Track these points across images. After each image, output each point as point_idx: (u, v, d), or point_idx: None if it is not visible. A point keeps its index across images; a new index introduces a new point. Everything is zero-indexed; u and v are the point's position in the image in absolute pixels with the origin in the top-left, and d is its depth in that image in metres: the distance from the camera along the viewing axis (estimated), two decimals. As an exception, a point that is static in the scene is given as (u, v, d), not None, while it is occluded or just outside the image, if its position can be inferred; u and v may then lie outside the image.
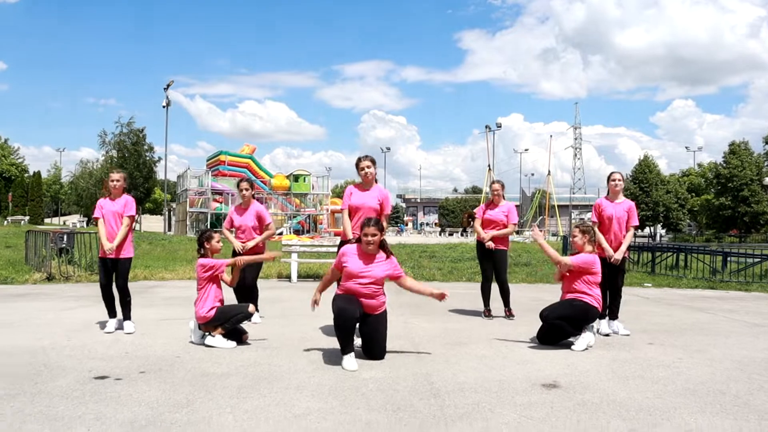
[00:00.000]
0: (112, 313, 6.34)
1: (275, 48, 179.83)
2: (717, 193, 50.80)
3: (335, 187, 71.13)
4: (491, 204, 7.81)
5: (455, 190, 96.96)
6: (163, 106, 40.99)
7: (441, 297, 5.34)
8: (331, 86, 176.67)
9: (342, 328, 4.92)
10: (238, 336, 5.72)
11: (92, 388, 4.19)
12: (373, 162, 6.22)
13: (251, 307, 5.93)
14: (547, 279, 13.05)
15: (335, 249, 13.36)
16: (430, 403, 3.98)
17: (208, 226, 37.96)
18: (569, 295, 6.06)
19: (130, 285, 6.52)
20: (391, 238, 45.24)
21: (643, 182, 49.09)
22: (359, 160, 6.18)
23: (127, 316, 6.32)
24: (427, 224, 68.48)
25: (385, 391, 4.24)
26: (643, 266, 15.26)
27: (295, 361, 5.06)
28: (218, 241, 6.17)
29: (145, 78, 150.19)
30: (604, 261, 6.61)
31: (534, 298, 9.41)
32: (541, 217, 54.95)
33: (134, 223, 6.59)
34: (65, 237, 13.17)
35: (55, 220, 60.92)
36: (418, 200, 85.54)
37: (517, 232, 47.42)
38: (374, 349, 5.18)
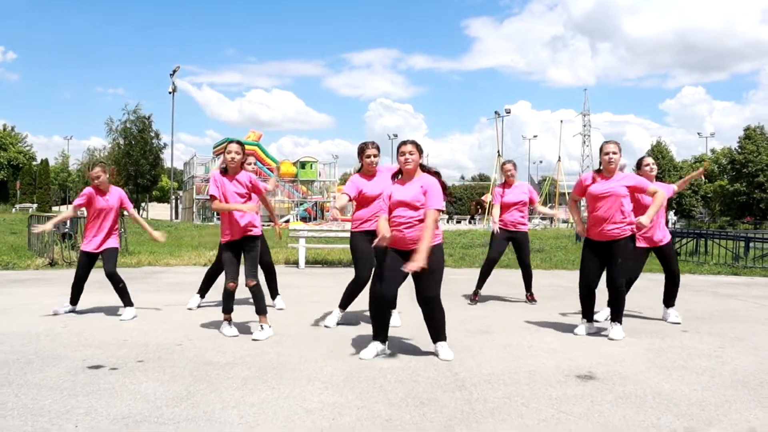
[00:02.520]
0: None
1: (282, 36, 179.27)
2: (731, 179, 49.95)
3: (343, 174, 70.73)
4: (506, 185, 7.38)
5: (462, 178, 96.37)
6: (169, 92, 40.60)
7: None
8: (338, 74, 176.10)
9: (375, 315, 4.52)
10: None
11: (85, 378, 3.82)
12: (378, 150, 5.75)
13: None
14: (563, 265, 12.63)
15: (343, 234, 13.04)
16: (455, 396, 3.59)
17: (215, 214, 37.71)
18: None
19: (135, 270, 6.15)
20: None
21: (655, 168, 48.48)
22: (365, 146, 5.67)
23: (127, 302, 5.97)
24: (435, 212, 67.84)
25: (405, 382, 3.84)
26: (662, 252, 14.80)
27: (305, 350, 4.67)
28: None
29: (153, 67, 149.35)
30: (654, 249, 6.26)
31: (550, 284, 9.02)
32: (550, 204, 54.40)
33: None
34: (68, 223, 12.84)
35: (63, 207, 60.79)
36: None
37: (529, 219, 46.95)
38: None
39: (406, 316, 6.19)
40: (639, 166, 6.39)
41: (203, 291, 6.58)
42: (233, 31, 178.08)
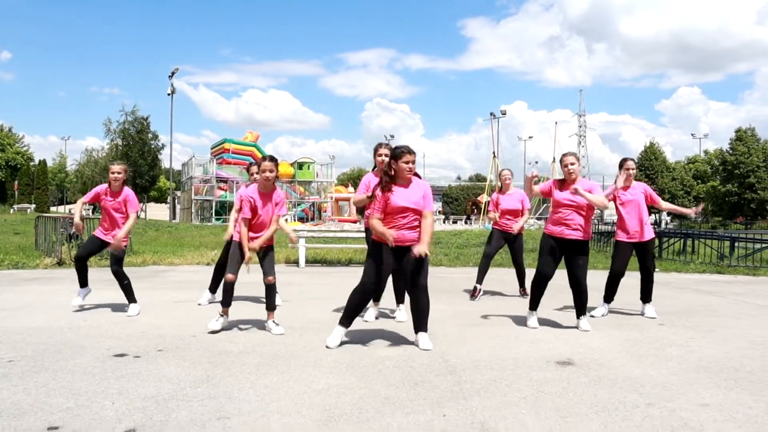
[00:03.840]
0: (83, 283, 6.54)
1: (278, 36, 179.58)
2: (723, 180, 50.59)
3: (340, 175, 71.05)
4: (502, 191, 8.02)
5: (459, 178, 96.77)
6: (168, 94, 40.93)
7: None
8: (334, 74, 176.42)
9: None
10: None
11: (112, 365, 4.23)
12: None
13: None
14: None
15: (342, 234, 13.46)
16: (447, 379, 4.02)
17: (213, 214, 38.06)
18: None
19: (141, 269, 6.55)
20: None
21: (648, 169, 48.99)
22: (379, 146, 6.04)
23: (131, 299, 6.37)
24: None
25: (402, 368, 4.27)
26: (650, 251, 15.24)
27: (310, 341, 5.09)
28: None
29: (148, 67, 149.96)
30: (635, 245, 6.68)
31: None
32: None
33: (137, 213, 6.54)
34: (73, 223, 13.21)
35: (61, 208, 60.99)
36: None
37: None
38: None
39: (405, 312, 6.62)
40: (621, 167, 6.83)
41: (214, 287, 6.98)
42: (228, 30, 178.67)
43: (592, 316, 6.52)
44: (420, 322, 5.01)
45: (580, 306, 5.92)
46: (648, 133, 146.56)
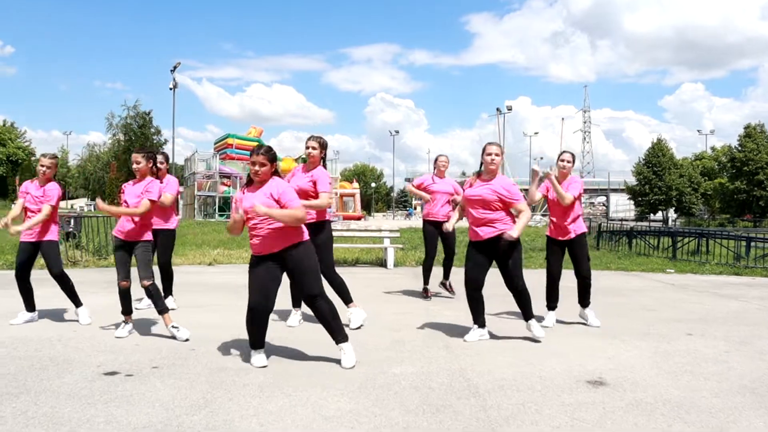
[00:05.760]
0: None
1: (281, 31, 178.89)
2: (731, 176, 49.98)
3: (344, 170, 70.64)
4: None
5: (464, 174, 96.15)
6: (170, 88, 40.50)
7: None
8: (338, 69, 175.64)
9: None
10: None
11: (101, 385, 3.86)
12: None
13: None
14: (564, 264, 12.66)
15: (347, 233, 13.07)
16: (470, 403, 3.64)
17: (216, 210, 37.69)
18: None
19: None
20: (400, 222, 44.88)
21: (656, 166, 48.39)
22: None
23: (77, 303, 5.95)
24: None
25: (420, 389, 3.89)
26: (663, 251, 14.85)
27: (317, 355, 4.70)
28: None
29: (151, 61, 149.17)
30: (565, 242, 6.19)
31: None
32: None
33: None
34: (72, 221, 12.88)
35: (63, 203, 60.80)
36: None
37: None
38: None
39: (417, 319, 6.26)
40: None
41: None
42: (230, 25, 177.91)
43: (544, 326, 6.00)
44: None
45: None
46: (651, 129, 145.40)
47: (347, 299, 5.89)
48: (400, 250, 13.12)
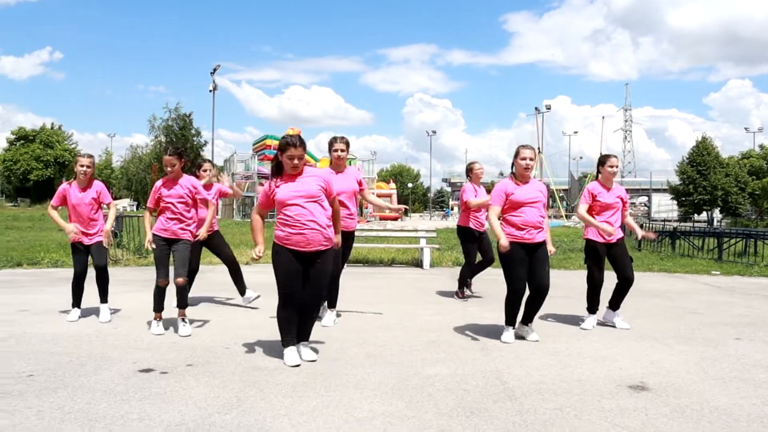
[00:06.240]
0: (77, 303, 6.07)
1: (319, 33, 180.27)
2: (780, 175, 48.26)
3: (381, 171, 70.73)
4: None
5: (501, 174, 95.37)
6: (210, 91, 41.10)
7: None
8: (376, 71, 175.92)
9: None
10: None
11: (136, 382, 3.88)
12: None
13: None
14: (607, 266, 12.37)
15: (384, 234, 13.03)
16: (506, 406, 3.54)
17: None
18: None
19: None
20: (437, 222, 44.61)
21: (700, 165, 46.92)
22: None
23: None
24: (473, 208, 67.30)
25: (454, 391, 3.81)
26: (708, 253, 14.39)
27: (351, 355, 4.66)
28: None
29: (192, 65, 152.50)
30: (612, 245, 5.98)
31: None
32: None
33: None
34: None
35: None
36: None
37: (567, 216, 46.19)
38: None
39: (454, 320, 6.18)
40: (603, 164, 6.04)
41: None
42: (270, 27, 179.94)
43: (584, 329, 5.92)
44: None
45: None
46: (696, 127, 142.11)
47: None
48: (437, 250, 13.00)
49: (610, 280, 6.11)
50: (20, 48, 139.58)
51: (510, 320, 5.35)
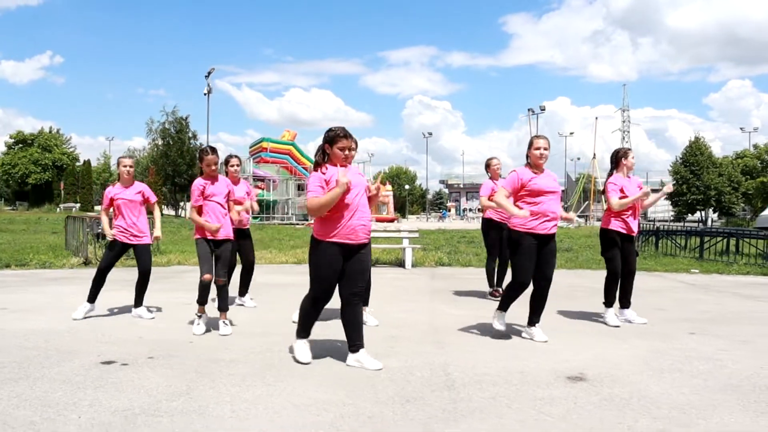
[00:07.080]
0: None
1: (319, 35, 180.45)
2: (775, 175, 48.44)
3: (378, 173, 70.81)
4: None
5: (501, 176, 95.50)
6: (204, 94, 41.31)
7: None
8: (375, 73, 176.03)
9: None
10: None
11: (96, 373, 4.07)
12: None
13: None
14: (587, 264, 12.57)
15: (384, 234, 13.13)
16: (442, 396, 3.72)
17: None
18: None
19: (164, 269, 6.40)
20: (433, 224, 44.76)
21: (693, 165, 47.09)
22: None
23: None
24: (470, 210, 67.67)
25: (397, 381, 3.99)
26: (691, 251, 14.56)
27: (312, 349, 4.82)
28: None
29: (192, 68, 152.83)
30: (624, 238, 6.17)
31: (570, 284, 9.01)
32: (586, 203, 53.65)
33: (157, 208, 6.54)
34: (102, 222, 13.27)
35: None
36: (462, 186, 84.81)
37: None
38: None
39: (420, 318, 6.34)
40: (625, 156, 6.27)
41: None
42: (270, 30, 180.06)
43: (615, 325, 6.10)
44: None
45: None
46: (696, 127, 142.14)
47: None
48: (421, 250, 13.16)
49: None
50: (21, 52, 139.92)
51: (504, 306, 5.43)
